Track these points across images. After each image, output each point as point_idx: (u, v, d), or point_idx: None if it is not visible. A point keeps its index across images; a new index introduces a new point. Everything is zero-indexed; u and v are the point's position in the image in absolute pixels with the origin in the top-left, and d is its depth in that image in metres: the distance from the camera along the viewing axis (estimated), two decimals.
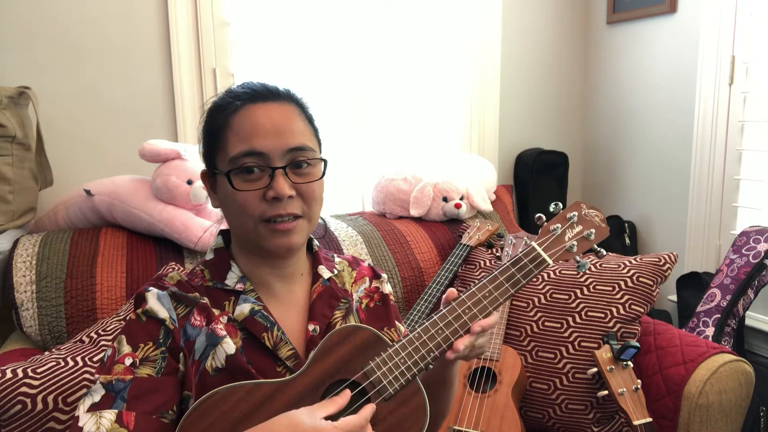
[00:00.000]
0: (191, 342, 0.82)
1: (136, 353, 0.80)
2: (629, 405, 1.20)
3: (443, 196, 1.87)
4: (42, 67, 1.70)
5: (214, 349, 0.82)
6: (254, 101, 0.85)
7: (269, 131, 0.83)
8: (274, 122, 0.83)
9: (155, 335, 0.81)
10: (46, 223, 1.63)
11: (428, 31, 2.22)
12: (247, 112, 0.84)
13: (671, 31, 2.16)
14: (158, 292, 0.84)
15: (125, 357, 0.79)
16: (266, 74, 1.98)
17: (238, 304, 0.87)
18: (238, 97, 0.86)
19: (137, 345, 0.80)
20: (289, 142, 0.83)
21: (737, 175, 1.97)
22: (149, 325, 0.82)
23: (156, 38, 1.82)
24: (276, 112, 0.85)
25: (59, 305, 1.38)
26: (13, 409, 1.04)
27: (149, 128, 1.85)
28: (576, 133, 2.59)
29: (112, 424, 0.75)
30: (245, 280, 0.89)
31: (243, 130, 0.83)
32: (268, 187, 0.82)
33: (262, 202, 0.82)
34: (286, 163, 0.83)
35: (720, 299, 1.77)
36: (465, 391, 1.33)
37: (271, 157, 0.82)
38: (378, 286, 1.03)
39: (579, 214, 0.93)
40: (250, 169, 0.82)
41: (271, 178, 0.82)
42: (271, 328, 0.85)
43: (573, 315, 1.44)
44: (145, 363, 0.79)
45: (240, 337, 0.84)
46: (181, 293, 0.85)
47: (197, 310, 0.84)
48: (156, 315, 0.82)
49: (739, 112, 1.94)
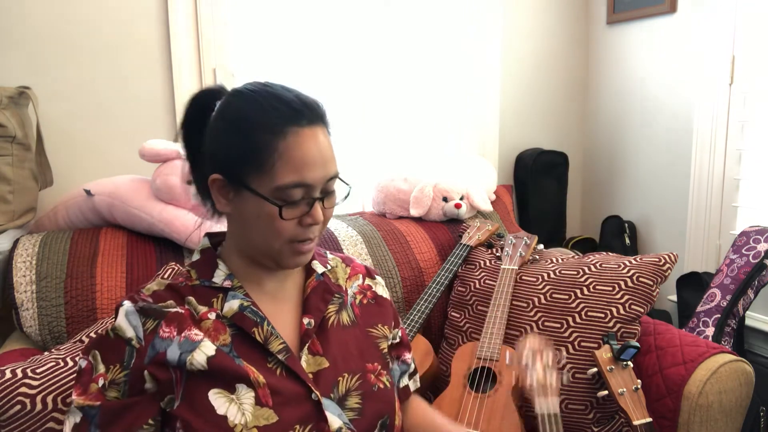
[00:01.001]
0: (162, 354, 0.82)
1: (107, 374, 0.81)
2: (629, 405, 1.20)
3: (443, 196, 1.87)
4: (42, 67, 1.70)
5: (190, 354, 0.82)
6: (299, 123, 0.82)
7: (318, 162, 0.83)
8: (321, 151, 0.83)
9: (122, 356, 0.82)
10: (46, 223, 1.63)
11: (428, 31, 2.22)
12: (297, 139, 0.81)
13: (671, 31, 2.16)
14: (128, 308, 0.84)
15: (99, 377, 0.81)
16: (266, 74, 1.98)
17: (226, 300, 0.87)
18: (281, 116, 0.81)
19: (108, 366, 0.82)
20: (330, 171, 0.85)
21: (737, 175, 1.97)
22: (117, 343, 0.82)
23: (156, 38, 1.82)
24: (321, 139, 0.84)
25: (59, 305, 1.38)
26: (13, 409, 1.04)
27: (149, 128, 1.85)
28: (576, 133, 2.59)
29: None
30: (232, 277, 0.89)
31: (294, 160, 0.81)
32: (306, 215, 0.84)
33: (296, 227, 0.84)
34: (323, 192, 0.85)
35: (720, 299, 1.77)
36: (465, 392, 1.33)
37: (315, 188, 0.84)
38: (371, 284, 1.04)
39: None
40: (298, 201, 0.83)
41: (310, 207, 0.84)
42: (260, 323, 0.86)
43: (573, 315, 1.44)
44: (112, 386, 0.81)
45: (229, 334, 0.85)
46: (149, 306, 0.85)
47: (165, 323, 0.84)
48: (123, 334, 0.82)
49: (739, 112, 1.94)
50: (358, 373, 0.92)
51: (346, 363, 0.91)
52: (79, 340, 1.27)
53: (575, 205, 2.64)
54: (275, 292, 0.92)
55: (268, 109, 0.82)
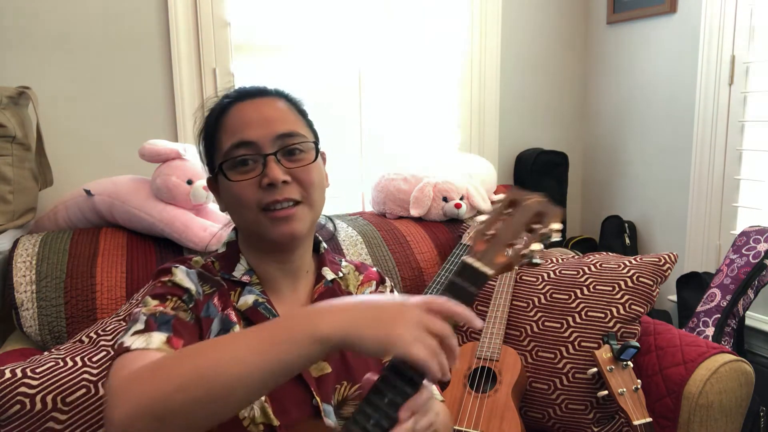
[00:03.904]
0: (210, 320, 0.83)
1: (165, 304, 0.80)
2: (629, 405, 1.20)
3: (443, 196, 1.87)
4: (42, 67, 1.70)
5: (225, 333, 0.83)
6: (243, 99, 0.88)
7: (257, 122, 0.85)
8: (262, 113, 0.86)
9: (181, 294, 0.82)
10: (46, 223, 1.63)
11: (428, 31, 2.22)
12: (236, 109, 0.87)
13: (671, 31, 2.16)
14: (186, 269, 0.86)
15: (157, 307, 0.80)
16: (266, 74, 1.98)
17: (242, 294, 0.88)
18: (228, 97, 0.89)
19: (165, 299, 0.81)
20: (278, 128, 0.85)
21: (737, 175, 1.97)
22: (174, 289, 0.83)
23: (156, 38, 1.82)
24: (264, 104, 0.87)
25: (59, 305, 1.38)
26: (12, 409, 1.04)
27: (149, 128, 1.85)
28: (576, 133, 2.59)
29: (162, 344, 0.75)
30: (252, 273, 0.90)
31: (232, 126, 0.86)
32: (262, 175, 0.83)
33: (258, 191, 0.83)
34: (277, 149, 0.84)
35: (720, 299, 1.77)
36: (465, 391, 1.33)
37: (261, 145, 0.84)
38: (383, 291, 1.03)
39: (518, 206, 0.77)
40: (244, 161, 0.84)
41: (264, 166, 0.83)
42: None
43: (573, 315, 1.44)
44: (179, 309, 0.81)
45: (242, 327, 0.85)
46: (208, 274, 0.87)
47: (219, 294, 0.86)
48: (183, 284, 0.83)
49: (739, 112, 1.94)
50: (359, 383, 0.90)
51: (348, 371, 0.90)
52: (79, 340, 1.27)
53: (575, 205, 2.63)
54: (287, 294, 0.92)
55: (222, 98, 0.90)
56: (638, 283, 1.43)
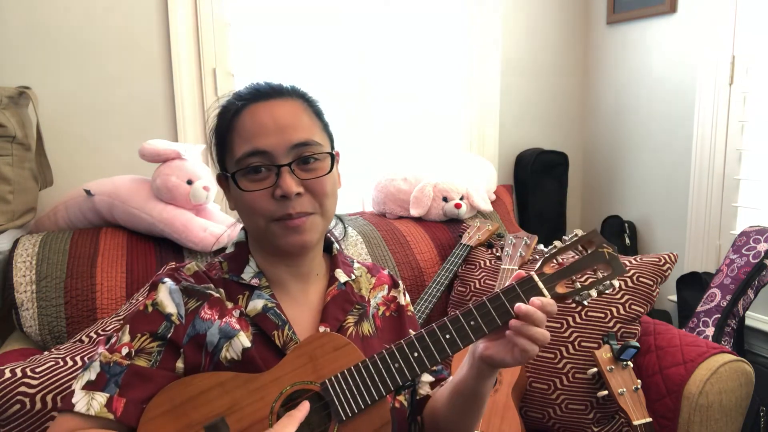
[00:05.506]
0: (202, 335, 0.82)
1: (133, 343, 0.80)
2: (629, 405, 1.20)
3: (443, 196, 1.87)
4: (42, 67, 1.70)
5: (228, 341, 0.81)
6: (257, 100, 0.85)
7: (272, 129, 0.82)
8: (277, 119, 0.83)
9: (155, 328, 0.81)
10: (46, 223, 1.63)
11: (428, 31, 2.22)
12: (250, 111, 0.84)
13: (671, 31, 2.16)
14: (171, 286, 0.84)
15: (123, 347, 0.80)
16: (266, 74, 1.98)
17: (251, 299, 0.86)
18: (242, 98, 0.86)
19: (135, 335, 0.80)
20: (293, 137, 0.82)
21: (737, 175, 1.97)
22: (153, 316, 0.82)
23: (156, 38, 1.82)
24: (279, 108, 0.84)
25: (59, 305, 1.38)
26: (12, 408, 1.04)
27: (149, 128, 1.85)
28: (576, 133, 2.59)
29: (101, 407, 0.75)
30: (261, 275, 0.88)
31: (246, 130, 0.83)
32: (275, 186, 0.81)
33: (271, 202, 0.82)
34: (292, 160, 0.82)
35: (720, 299, 1.77)
36: None
37: (275, 155, 0.82)
38: (395, 295, 1.00)
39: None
40: (257, 169, 0.82)
41: (277, 177, 0.81)
42: (282, 327, 0.85)
43: (573, 315, 1.44)
44: (141, 354, 0.80)
45: (251, 332, 0.84)
46: (193, 287, 0.85)
47: (208, 305, 0.84)
48: (163, 309, 0.82)
49: (739, 112, 1.94)
50: None
51: None
52: (79, 340, 1.27)
53: (575, 205, 2.63)
54: (298, 296, 0.90)
55: (235, 97, 0.87)
56: (638, 283, 1.43)
